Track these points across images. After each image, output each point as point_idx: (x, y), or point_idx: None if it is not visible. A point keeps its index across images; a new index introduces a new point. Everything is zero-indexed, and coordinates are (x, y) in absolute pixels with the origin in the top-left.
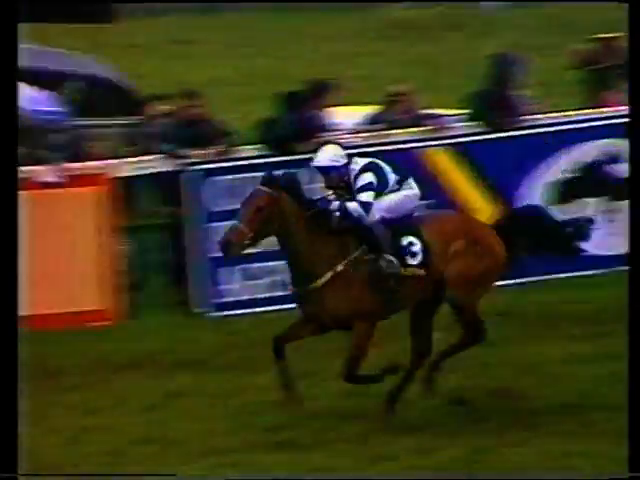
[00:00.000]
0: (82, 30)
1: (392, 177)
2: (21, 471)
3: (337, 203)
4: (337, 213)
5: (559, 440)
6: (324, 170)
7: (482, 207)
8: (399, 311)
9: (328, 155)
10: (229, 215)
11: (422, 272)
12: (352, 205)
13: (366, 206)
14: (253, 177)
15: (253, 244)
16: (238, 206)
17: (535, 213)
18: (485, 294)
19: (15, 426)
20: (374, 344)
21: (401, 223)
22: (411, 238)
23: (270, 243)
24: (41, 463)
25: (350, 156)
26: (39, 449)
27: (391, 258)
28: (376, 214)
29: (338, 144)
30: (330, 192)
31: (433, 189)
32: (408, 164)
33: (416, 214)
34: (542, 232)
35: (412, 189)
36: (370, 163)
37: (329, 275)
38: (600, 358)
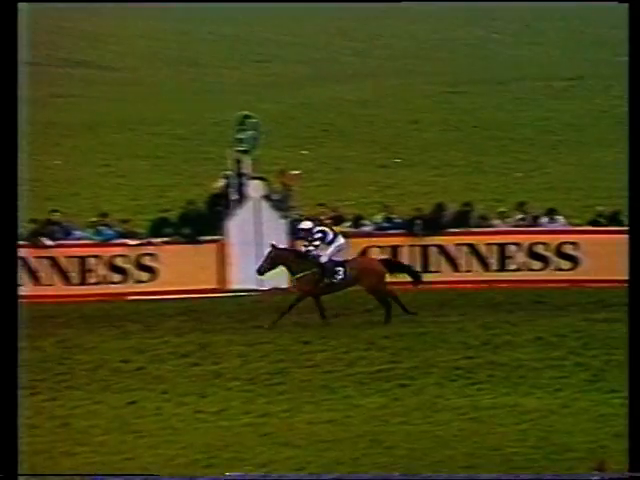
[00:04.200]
0: None
1: (329, 235)
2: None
3: (312, 253)
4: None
5: None
6: (301, 228)
7: None
8: (327, 294)
9: (305, 224)
10: None
11: (342, 283)
12: (311, 248)
13: (317, 248)
14: None
15: (269, 270)
16: None
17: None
18: (385, 284)
19: (15, 426)
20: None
21: (339, 261)
22: (340, 268)
23: None
24: None
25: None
26: None
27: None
28: (325, 256)
29: (312, 220)
30: (307, 242)
31: None
32: None
33: (349, 258)
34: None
35: (340, 241)
36: (320, 229)
37: (299, 275)
38: None
